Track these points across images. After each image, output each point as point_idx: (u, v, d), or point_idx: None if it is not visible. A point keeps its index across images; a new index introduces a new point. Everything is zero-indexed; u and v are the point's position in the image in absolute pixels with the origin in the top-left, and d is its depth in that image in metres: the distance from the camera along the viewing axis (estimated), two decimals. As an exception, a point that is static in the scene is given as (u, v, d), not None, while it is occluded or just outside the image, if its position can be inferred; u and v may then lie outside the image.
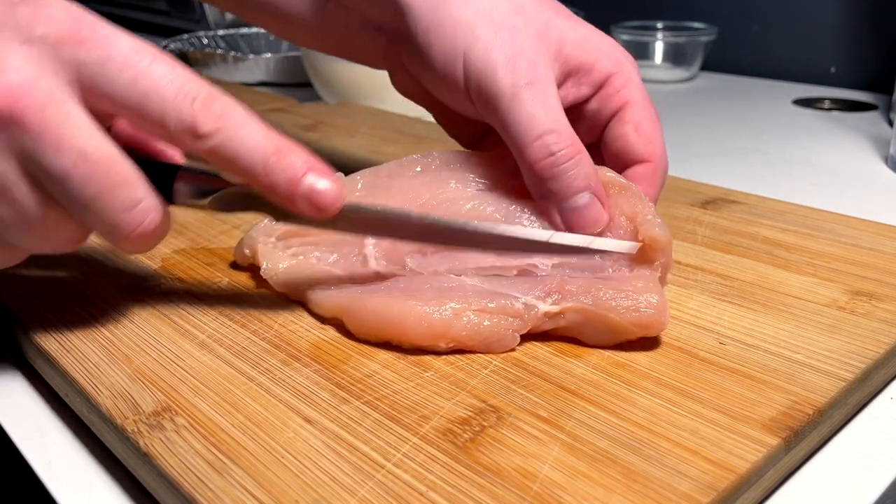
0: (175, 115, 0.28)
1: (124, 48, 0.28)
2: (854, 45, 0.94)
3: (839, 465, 0.29)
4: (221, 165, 0.30)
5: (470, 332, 0.31)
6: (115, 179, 0.28)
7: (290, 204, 0.31)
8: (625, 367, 0.31)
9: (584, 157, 0.34)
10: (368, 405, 0.29)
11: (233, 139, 0.29)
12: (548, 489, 0.24)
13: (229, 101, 0.29)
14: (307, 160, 0.30)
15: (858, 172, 0.64)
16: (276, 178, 0.30)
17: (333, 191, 0.31)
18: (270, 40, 1.15)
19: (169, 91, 0.28)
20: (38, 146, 0.27)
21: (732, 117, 0.83)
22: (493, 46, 0.35)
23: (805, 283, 0.37)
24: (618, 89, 0.37)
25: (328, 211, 0.31)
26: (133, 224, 0.29)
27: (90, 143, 0.28)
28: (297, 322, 0.35)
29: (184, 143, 0.29)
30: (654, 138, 0.38)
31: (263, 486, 0.24)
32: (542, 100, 0.34)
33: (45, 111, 0.27)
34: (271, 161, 0.29)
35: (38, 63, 0.27)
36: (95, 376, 0.30)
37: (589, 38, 0.37)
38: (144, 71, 0.28)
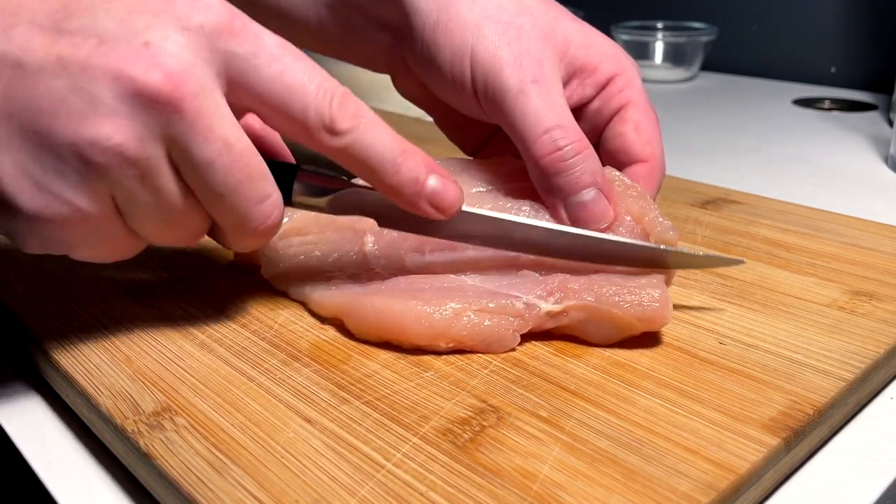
0: (315, 110, 0.29)
1: (271, 43, 0.29)
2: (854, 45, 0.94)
3: (839, 465, 0.29)
4: (351, 164, 0.30)
5: (470, 331, 0.31)
6: (252, 171, 0.29)
7: (412, 204, 0.31)
8: (625, 367, 0.31)
9: (590, 152, 0.35)
10: (368, 405, 0.29)
11: (365, 138, 0.30)
12: (548, 489, 0.24)
13: (361, 102, 0.30)
14: (431, 163, 0.31)
15: (858, 172, 0.64)
16: (402, 178, 0.31)
17: (455, 193, 0.32)
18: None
19: (311, 87, 0.29)
20: (189, 133, 0.27)
21: (732, 117, 0.83)
22: (500, 45, 0.35)
23: (805, 283, 0.37)
24: (620, 89, 0.38)
25: (448, 211, 0.32)
26: (263, 216, 0.30)
27: (233, 133, 0.28)
28: (297, 322, 0.35)
29: (320, 139, 0.29)
30: (652, 139, 0.38)
31: (263, 485, 0.24)
32: (549, 96, 0.35)
33: (199, 98, 0.27)
34: (399, 160, 0.30)
35: (194, 50, 0.27)
36: (96, 376, 0.30)
37: (593, 40, 0.38)
38: (290, 67, 0.29)
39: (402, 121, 0.71)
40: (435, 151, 0.43)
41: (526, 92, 0.35)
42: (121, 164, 0.27)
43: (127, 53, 0.26)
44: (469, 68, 0.36)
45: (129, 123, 0.26)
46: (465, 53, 0.36)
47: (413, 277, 0.35)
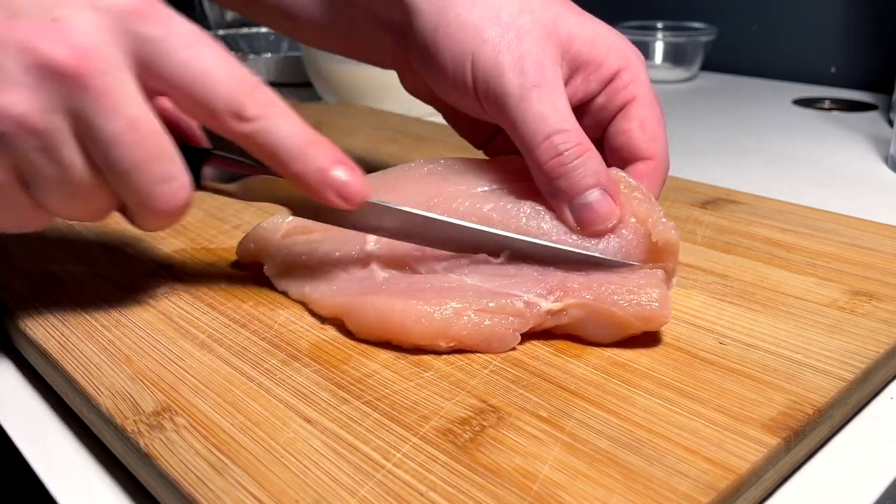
0: (224, 97, 0.29)
1: (182, 28, 0.29)
2: (854, 45, 0.94)
3: (839, 465, 0.29)
4: (258, 151, 0.31)
5: (470, 331, 0.31)
6: (158, 151, 0.29)
7: (317, 193, 0.32)
8: (625, 367, 0.31)
9: (592, 154, 0.35)
10: (368, 405, 0.29)
11: (273, 126, 0.30)
12: (548, 489, 0.24)
13: (272, 91, 0.31)
14: (338, 154, 0.32)
15: (858, 172, 0.64)
16: (308, 167, 0.31)
17: (360, 183, 0.32)
18: (270, 40, 1.15)
19: (220, 73, 0.29)
20: (94, 108, 0.28)
21: (732, 117, 0.83)
22: (500, 49, 0.35)
23: (805, 283, 0.37)
24: (626, 84, 0.38)
25: (353, 201, 0.32)
26: (166, 196, 0.30)
27: (140, 113, 0.29)
28: (297, 322, 0.35)
29: (227, 125, 0.30)
30: (657, 136, 0.38)
31: (263, 485, 0.24)
32: (550, 101, 0.35)
33: (105, 76, 0.28)
34: (305, 150, 0.31)
35: (104, 30, 0.28)
36: (96, 376, 0.30)
37: (598, 33, 0.38)
38: (199, 52, 0.29)
39: (403, 121, 0.71)
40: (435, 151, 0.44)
41: (527, 98, 0.35)
42: (23, 134, 0.27)
43: (35, 27, 0.27)
44: (470, 73, 0.36)
45: (32, 94, 0.27)
46: (466, 58, 0.36)
47: (414, 277, 0.35)
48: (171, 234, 0.44)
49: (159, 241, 0.44)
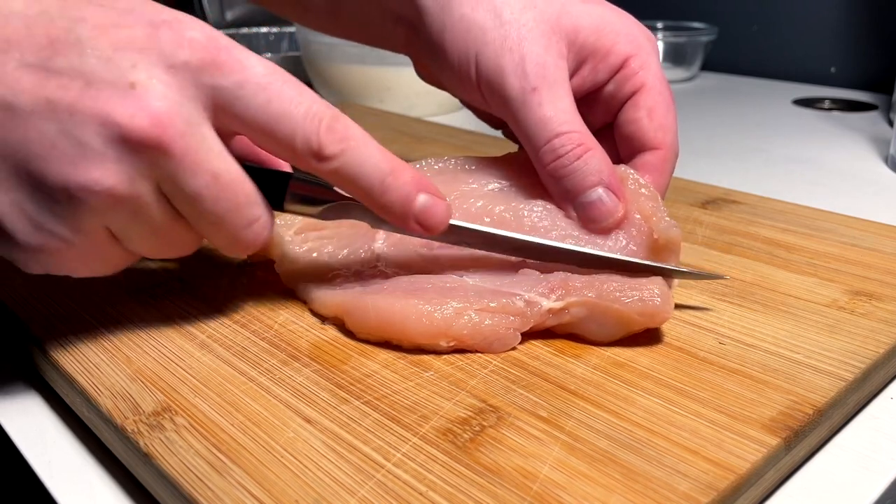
0: (303, 137, 0.29)
1: (258, 72, 0.29)
2: (854, 45, 0.94)
3: (839, 465, 0.29)
4: (342, 185, 0.31)
5: (471, 330, 0.31)
6: (240, 200, 0.29)
7: (401, 223, 0.32)
8: (625, 367, 0.31)
9: (595, 153, 0.35)
10: (368, 405, 0.29)
11: (354, 161, 0.30)
12: (548, 489, 0.24)
13: (350, 122, 0.30)
14: (420, 181, 0.31)
15: (858, 172, 0.64)
16: (391, 198, 0.31)
17: (442, 211, 0.32)
18: (270, 40, 1.15)
19: (298, 113, 0.29)
20: (177, 170, 0.28)
21: (733, 117, 0.83)
22: (501, 51, 0.35)
23: (805, 283, 0.37)
24: (634, 72, 0.38)
25: (436, 230, 0.32)
26: (251, 238, 0.31)
27: (221, 166, 0.29)
28: (297, 322, 0.35)
29: (308, 164, 0.30)
30: (666, 125, 0.38)
31: (263, 485, 0.24)
32: (551, 102, 0.35)
33: (186, 138, 0.28)
34: (388, 181, 0.31)
35: (180, 89, 0.28)
36: (95, 376, 0.31)
37: (606, 20, 0.37)
38: (276, 94, 0.29)
39: (403, 121, 0.71)
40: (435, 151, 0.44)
41: (527, 102, 0.35)
42: (112, 205, 0.28)
43: (113, 96, 0.27)
44: (475, 73, 0.36)
45: (117, 167, 0.27)
46: (471, 58, 0.36)
47: (415, 277, 0.35)
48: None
49: (159, 241, 0.44)
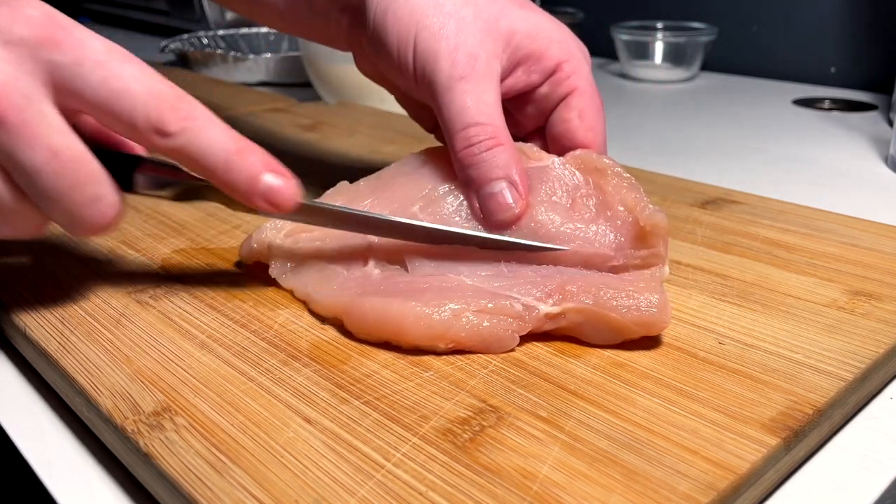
0: (143, 114, 0.30)
1: (96, 49, 0.30)
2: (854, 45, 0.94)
3: (839, 465, 0.29)
4: (185, 163, 0.31)
5: (469, 333, 0.31)
6: (81, 177, 0.30)
7: (247, 200, 0.32)
8: (625, 367, 0.31)
9: (505, 149, 0.36)
10: (368, 405, 0.29)
11: (197, 138, 0.30)
12: (548, 489, 0.24)
13: (194, 101, 0.31)
14: (266, 160, 0.32)
15: (858, 172, 0.64)
16: (235, 177, 0.31)
17: (290, 190, 0.32)
18: (270, 40, 1.15)
19: (138, 91, 0.30)
20: (14, 143, 0.28)
21: (732, 117, 0.83)
22: (438, 36, 0.36)
23: (805, 283, 0.37)
24: (567, 76, 0.39)
25: (283, 208, 0.32)
26: (94, 217, 0.31)
27: (61, 141, 0.29)
28: (297, 322, 0.35)
29: (150, 141, 0.30)
30: (595, 126, 0.39)
31: (263, 486, 0.24)
32: (474, 93, 0.36)
33: (23, 112, 0.28)
34: (232, 160, 0.31)
35: (17, 64, 0.28)
36: (95, 376, 0.31)
37: (540, 26, 0.39)
38: (115, 72, 0.30)
39: (402, 121, 0.70)
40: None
41: (452, 88, 0.36)
42: None
43: None
44: (412, 57, 0.37)
45: None
46: (409, 42, 0.37)
47: (412, 277, 0.35)
48: (171, 234, 0.44)
49: (159, 240, 0.44)
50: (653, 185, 0.51)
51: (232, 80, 0.97)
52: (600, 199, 0.36)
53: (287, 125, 0.70)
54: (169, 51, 1.05)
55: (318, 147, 0.63)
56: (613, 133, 0.79)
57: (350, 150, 0.62)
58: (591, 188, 0.36)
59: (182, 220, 0.46)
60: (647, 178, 0.53)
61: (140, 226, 0.46)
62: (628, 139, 0.75)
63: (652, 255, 0.34)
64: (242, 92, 0.85)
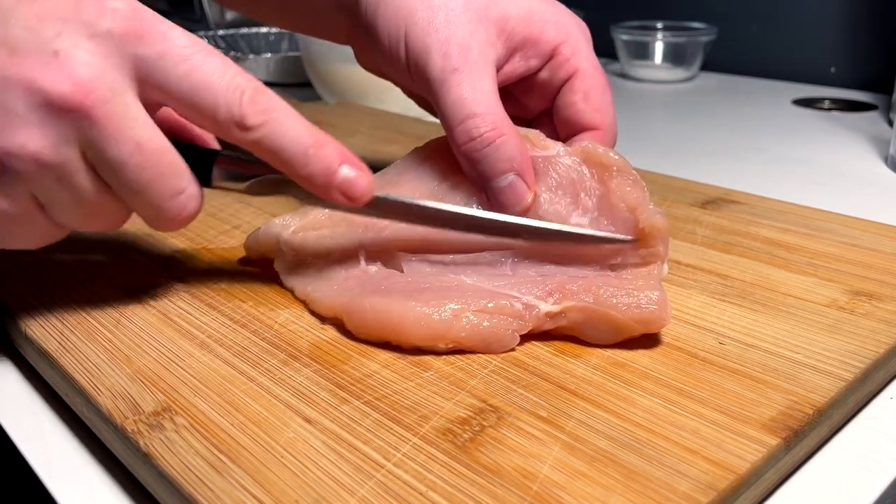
0: (225, 107, 0.30)
1: (180, 43, 0.30)
2: (854, 45, 0.94)
3: (839, 465, 0.29)
4: (265, 155, 0.31)
5: (469, 332, 0.31)
6: (165, 169, 0.30)
7: (324, 193, 0.32)
8: (625, 367, 0.31)
9: (508, 139, 0.35)
10: (368, 405, 0.29)
11: (276, 131, 0.31)
12: (548, 489, 0.24)
13: (274, 95, 0.31)
14: (343, 153, 0.32)
15: (858, 172, 0.64)
16: (313, 169, 0.31)
17: (365, 182, 0.33)
18: (270, 40, 1.15)
19: (220, 84, 0.30)
20: (101, 136, 0.29)
21: (732, 117, 0.83)
22: (428, 30, 0.36)
23: (805, 283, 0.37)
24: (567, 58, 0.38)
25: (359, 201, 0.33)
26: (176, 210, 0.31)
27: (145, 134, 0.29)
28: (297, 322, 0.35)
29: (231, 134, 0.31)
30: (602, 106, 0.39)
31: (263, 485, 0.24)
32: (469, 84, 0.35)
33: (109, 104, 0.28)
34: (310, 153, 0.31)
35: (104, 57, 0.29)
36: (95, 376, 0.30)
37: (534, 10, 0.38)
38: (198, 65, 0.30)
39: (403, 121, 0.71)
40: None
41: (447, 81, 0.36)
42: (37, 170, 0.29)
43: (37, 63, 0.28)
44: (404, 52, 0.37)
45: (42, 132, 0.28)
46: (400, 38, 0.37)
47: (413, 276, 0.35)
48: (171, 234, 0.44)
49: (159, 240, 0.44)
50: (653, 185, 0.51)
51: (232, 80, 0.97)
52: (603, 193, 0.35)
53: (287, 125, 0.69)
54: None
55: (318, 147, 0.63)
56: (613, 133, 0.79)
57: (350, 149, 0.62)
58: (595, 182, 0.36)
59: (182, 220, 0.46)
60: (647, 178, 0.52)
61: (140, 226, 0.45)
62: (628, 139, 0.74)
63: (651, 254, 0.34)
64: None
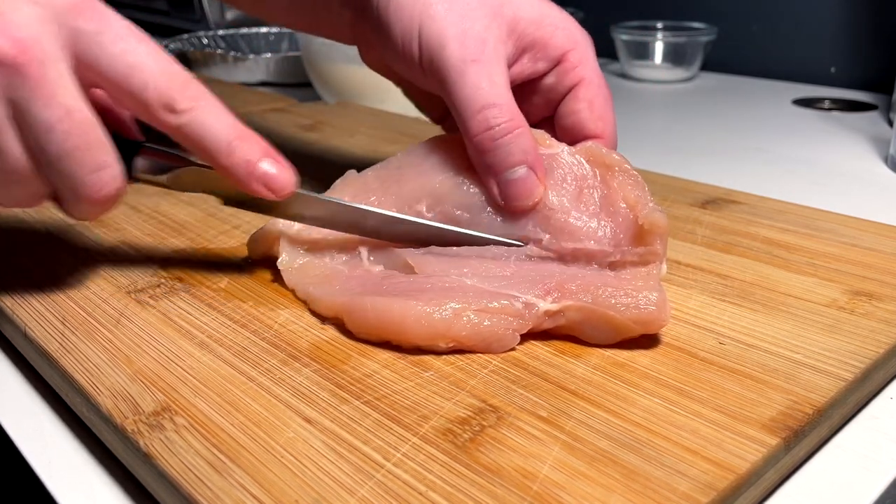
0: (155, 89, 0.31)
1: (117, 24, 0.31)
2: (854, 45, 0.94)
3: (839, 465, 0.29)
4: (188, 143, 0.32)
5: (470, 332, 0.31)
6: (90, 140, 0.31)
7: (245, 185, 0.33)
8: (625, 367, 0.31)
9: (524, 132, 0.36)
10: (368, 405, 0.29)
11: (203, 119, 0.32)
12: (548, 489, 0.24)
13: (203, 86, 0.32)
14: (266, 148, 0.33)
15: (858, 172, 0.64)
16: (236, 160, 0.33)
17: (286, 176, 0.34)
18: (270, 40, 1.15)
19: (152, 67, 0.31)
20: (31, 96, 0.29)
21: (732, 117, 0.83)
22: (445, 24, 0.37)
23: (805, 283, 0.37)
24: (574, 66, 0.39)
25: (279, 194, 0.34)
26: (98, 185, 0.32)
27: (76, 104, 0.30)
28: (297, 322, 0.35)
29: (158, 116, 0.31)
30: (605, 116, 0.40)
31: (263, 485, 0.24)
32: (487, 75, 0.36)
33: (43, 66, 0.29)
34: (234, 143, 0.32)
35: (42, 23, 0.29)
36: (95, 376, 0.30)
37: (545, 14, 0.39)
38: (134, 47, 0.31)
39: (402, 121, 0.71)
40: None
41: (465, 71, 0.36)
42: None
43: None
44: (417, 45, 0.37)
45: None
46: (414, 30, 0.37)
47: (414, 276, 0.35)
48: (171, 234, 0.44)
49: (159, 240, 0.44)
50: (653, 185, 0.51)
51: (232, 80, 0.97)
52: (604, 192, 0.36)
53: (287, 125, 0.70)
54: (169, 51, 1.05)
55: (318, 147, 0.63)
56: (613, 133, 0.79)
57: (350, 150, 0.62)
58: (598, 181, 0.36)
59: (182, 220, 0.46)
60: (648, 178, 0.52)
61: (140, 226, 0.46)
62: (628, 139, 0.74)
63: (649, 252, 0.34)
64: (242, 92, 0.85)
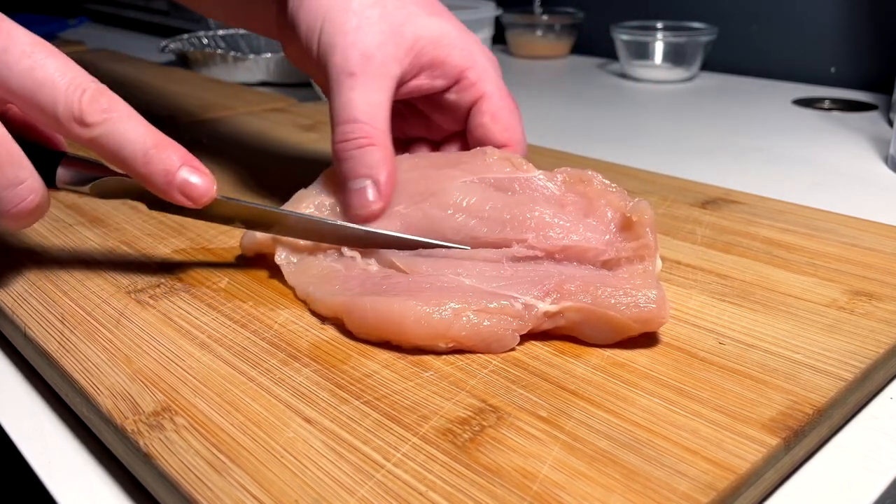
0: (64, 104, 0.31)
1: (23, 41, 0.31)
2: (854, 45, 0.94)
3: (839, 465, 0.29)
4: (104, 155, 0.32)
5: (469, 332, 0.31)
6: (2, 157, 0.31)
7: (163, 193, 0.33)
8: (625, 367, 0.31)
9: (377, 149, 0.37)
10: (368, 405, 0.29)
11: (116, 130, 0.32)
12: (547, 489, 0.24)
13: (116, 97, 0.32)
14: (183, 155, 0.33)
15: (858, 172, 0.63)
16: (153, 169, 0.33)
17: (205, 184, 0.34)
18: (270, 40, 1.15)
19: (61, 82, 0.31)
20: None
21: (732, 117, 0.83)
22: (338, 31, 0.38)
23: (805, 283, 0.37)
24: (472, 82, 0.41)
25: (198, 202, 0.34)
26: (14, 200, 0.32)
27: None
28: (297, 322, 0.35)
29: (70, 131, 0.31)
30: (510, 126, 0.41)
31: (263, 485, 0.24)
32: (362, 92, 0.37)
33: None
34: (151, 153, 0.32)
35: None
36: (95, 376, 0.31)
37: (445, 34, 0.40)
38: (40, 63, 0.31)
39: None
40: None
41: (342, 82, 0.37)
42: None
43: None
44: (316, 47, 0.39)
45: None
46: (316, 32, 0.38)
47: (414, 277, 0.35)
48: (171, 233, 0.44)
49: (159, 240, 0.44)
50: (653, 185, 0.51)
51: (232, 80, 0.97)
52: (586, 201, 0.36)
53: (287, 125, 0.70)
54: (169, 51, 1.05)
55: (317, 147, 0.63)
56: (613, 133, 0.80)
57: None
58: (577, 196, 0.37)
59: (182, 220, 0.46)
60: (648, 178, 0.53)
61: (140, 226, 0.46)
62: (628, 139, 0.75)
63: (642, 245, 0.34)
64: (242, 92, 0.85)
